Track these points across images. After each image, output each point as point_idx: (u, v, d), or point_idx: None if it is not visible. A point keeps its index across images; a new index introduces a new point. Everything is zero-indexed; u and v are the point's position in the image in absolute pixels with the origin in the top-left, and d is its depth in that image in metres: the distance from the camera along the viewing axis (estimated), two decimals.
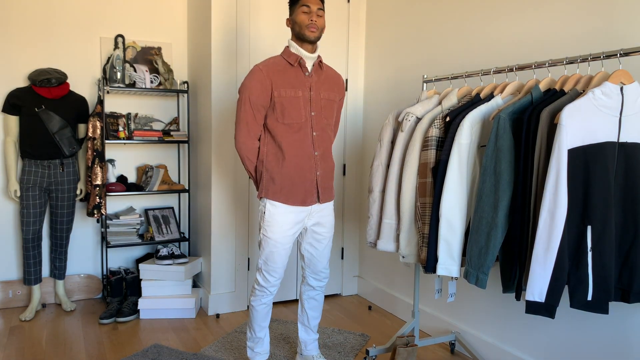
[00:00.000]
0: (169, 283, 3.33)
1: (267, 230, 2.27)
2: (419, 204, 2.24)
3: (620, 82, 1.75)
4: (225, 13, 3.24)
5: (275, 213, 2.25)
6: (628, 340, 2.03)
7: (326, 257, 2.46)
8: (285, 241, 2.28)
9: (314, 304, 2.51)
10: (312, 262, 2.44)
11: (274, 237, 2.26)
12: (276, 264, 2.31)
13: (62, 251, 3.39)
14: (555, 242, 1.69)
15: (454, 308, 2.92)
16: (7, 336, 2.95)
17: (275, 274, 2.32)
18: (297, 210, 2.28)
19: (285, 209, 2.26)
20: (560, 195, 1.68)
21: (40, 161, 3.21)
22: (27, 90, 3.22)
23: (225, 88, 3.27)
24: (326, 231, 2.41)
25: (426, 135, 2.24)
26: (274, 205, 2.26)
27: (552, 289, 1.71)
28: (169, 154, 3.87)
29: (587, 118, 1.71)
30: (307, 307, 2.51)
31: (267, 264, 2.31)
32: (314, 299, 2.51)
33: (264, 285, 2.34)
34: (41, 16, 3.45)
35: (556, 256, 1.69)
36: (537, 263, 1.72)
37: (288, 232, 2.27)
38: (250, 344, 2.45)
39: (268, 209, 2.27)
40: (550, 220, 1.70)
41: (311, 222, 2.37)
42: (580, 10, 2.19)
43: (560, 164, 1.69)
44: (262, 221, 2.29)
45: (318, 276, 2.47)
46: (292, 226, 2.28)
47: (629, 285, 1.78)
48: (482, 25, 2.70)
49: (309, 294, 2.51)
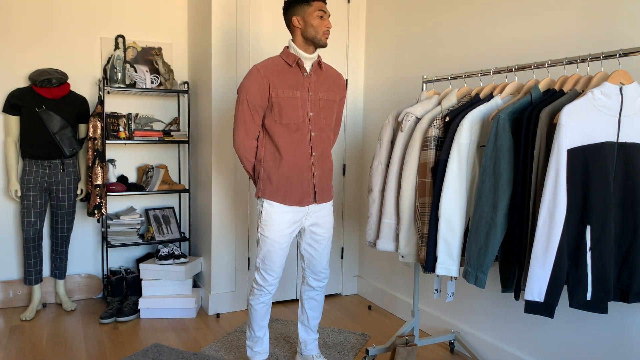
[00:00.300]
0: (169, 283, 3.33)
1: (264, 229, 2.28)
2: (419, 203, 2.24)
3: (619, 82, 1.75)
4: (226, 13, 3.24)
5: (272, 212, 2.26)
6: (628, 340, 2.03)
7: (326, 257, 2.46)
8: (282, 240, 2.29)
9: (314, 304, 2.52)
10: (312, 262, 2.44)
11: (270, 236, 2.27)
12: (274, 263, 2.31)
13: (62, 251, 3.39)
14: (555, 241, 1.70)
15: (454, 308, 2.92)
16: (8, 336, 2.95)
17: (273, 273, 2.33)
18: (294, 210, 2.28)
19: (282, 209, 2.26)
20: (559, 195, 1.69)
21: (40, 161, 3.22)
22: (28, 90, 3.23)
23: (225, 88, 3.28)
24: (325, 232, 2.41)
25: (426, 135, 2.25)
26: (271, 205, 2.26)
27: (551, 288, 1.71)
28: (169, 154, 3.88)
29: (586, 118, 1.71)
30: (307, 307, 2.52)
31: (265, 263, 2.32)
32: (314, 299, 2.51)
33: (262, 284, 2.35)
34: (42, 16, 3.46)
35: (555, 256, 1.70)
36: (537, 262, 1.73)
37: (285, 231, 2.28)
38: (249, 343, 2.45)
39: (265, 209, 2.27)
40: (549, 219, 1.70)
41: (309, 222, 2.37)
42: (580, 10, 2.19)
43: (559, 164, 1.69)
44: (259, 220, 2.31)
45: (318, 276, 2.47)
46: (289, 226, 2.29)
47: (628, 285, 1.79)
48: (482, 25, 2.70)
49: (309, 294, 2.51)
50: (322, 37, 2.17)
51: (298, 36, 2.21)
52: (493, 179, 1.93)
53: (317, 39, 2.17)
